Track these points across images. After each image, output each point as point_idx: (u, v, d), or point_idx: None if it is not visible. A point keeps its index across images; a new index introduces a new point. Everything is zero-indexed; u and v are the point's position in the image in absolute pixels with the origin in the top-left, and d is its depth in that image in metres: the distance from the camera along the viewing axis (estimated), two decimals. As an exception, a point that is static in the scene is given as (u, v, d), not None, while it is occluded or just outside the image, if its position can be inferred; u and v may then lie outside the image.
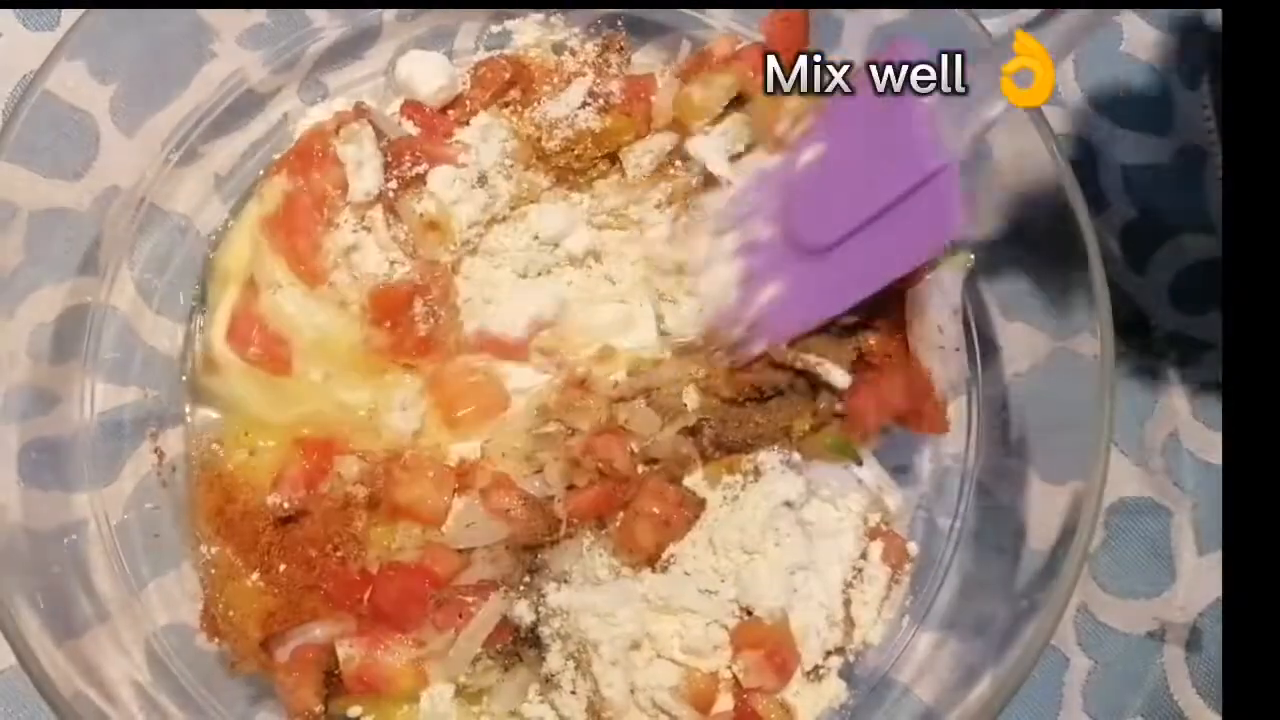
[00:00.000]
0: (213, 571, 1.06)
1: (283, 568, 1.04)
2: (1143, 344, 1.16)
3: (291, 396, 1.09)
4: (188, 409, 1.13)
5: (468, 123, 1.16)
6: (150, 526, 1.07)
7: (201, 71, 1.12)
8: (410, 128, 1.15)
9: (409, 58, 1.17)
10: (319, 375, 1.09)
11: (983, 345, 1.10)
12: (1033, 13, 1.10)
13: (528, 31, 1.21)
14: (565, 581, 1.01)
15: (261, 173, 1.16)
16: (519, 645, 1.01)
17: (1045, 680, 1.09)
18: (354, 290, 1.09)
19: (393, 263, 1.10)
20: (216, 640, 1.00)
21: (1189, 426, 1.13)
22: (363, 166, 1.09)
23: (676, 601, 1.01)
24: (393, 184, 1.11)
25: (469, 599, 0.99)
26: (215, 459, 1.09)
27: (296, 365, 1.09)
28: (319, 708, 0.99)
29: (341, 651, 0.99)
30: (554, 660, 0.99)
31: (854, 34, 1.12)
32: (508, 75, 1.17)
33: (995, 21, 1.20)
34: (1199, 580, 1.10)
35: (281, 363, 1.08)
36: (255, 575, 1.04)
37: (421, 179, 1.11)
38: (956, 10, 1.02)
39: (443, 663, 0.98)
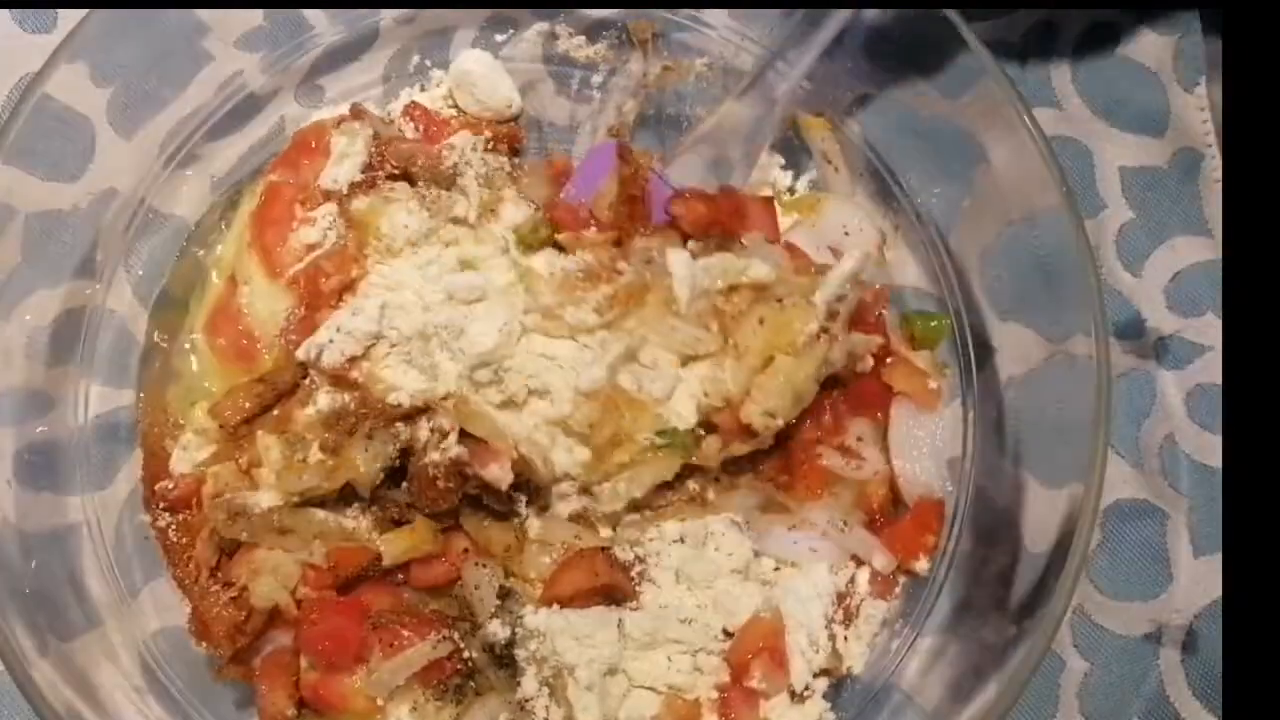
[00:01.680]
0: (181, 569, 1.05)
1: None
2: (1138, 346, 1.16)
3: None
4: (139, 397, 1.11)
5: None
6: (144, 530, 1.06)
7: (199, 75, 1.12)
8: (410, 130, 1.16)
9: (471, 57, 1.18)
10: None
11: (977, 348, 1.10)
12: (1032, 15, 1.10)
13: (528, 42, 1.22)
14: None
15: (258, 174, 1.16)
16: (485, 672, 1.00)
17: (1041, 683, 1.08)
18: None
19: None
20: (204, 646, 1.01)
21: (1185, 429, 1.13)
22: (347, 159, 1.10)
23: (661, 634, 1.00)
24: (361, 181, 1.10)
25: (405, 631, 0.98)
26: (151, 440, 1.09)
27: (258, 361, 1.08)
28: (291, 712, 0.99)
29: (304, 661, 0.99)
30: (528, 685, 0.99)
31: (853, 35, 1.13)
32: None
33: (988, 26, 1.21)
34: (1195, 582, 1.10)
35: (246, 357, 1.08)
36: (205, 577, 1.02)
37: (397, 177, 1.10)
38: (948, 12, 1.02)
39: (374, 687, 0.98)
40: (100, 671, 0.97)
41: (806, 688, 1.02)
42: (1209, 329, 1.15)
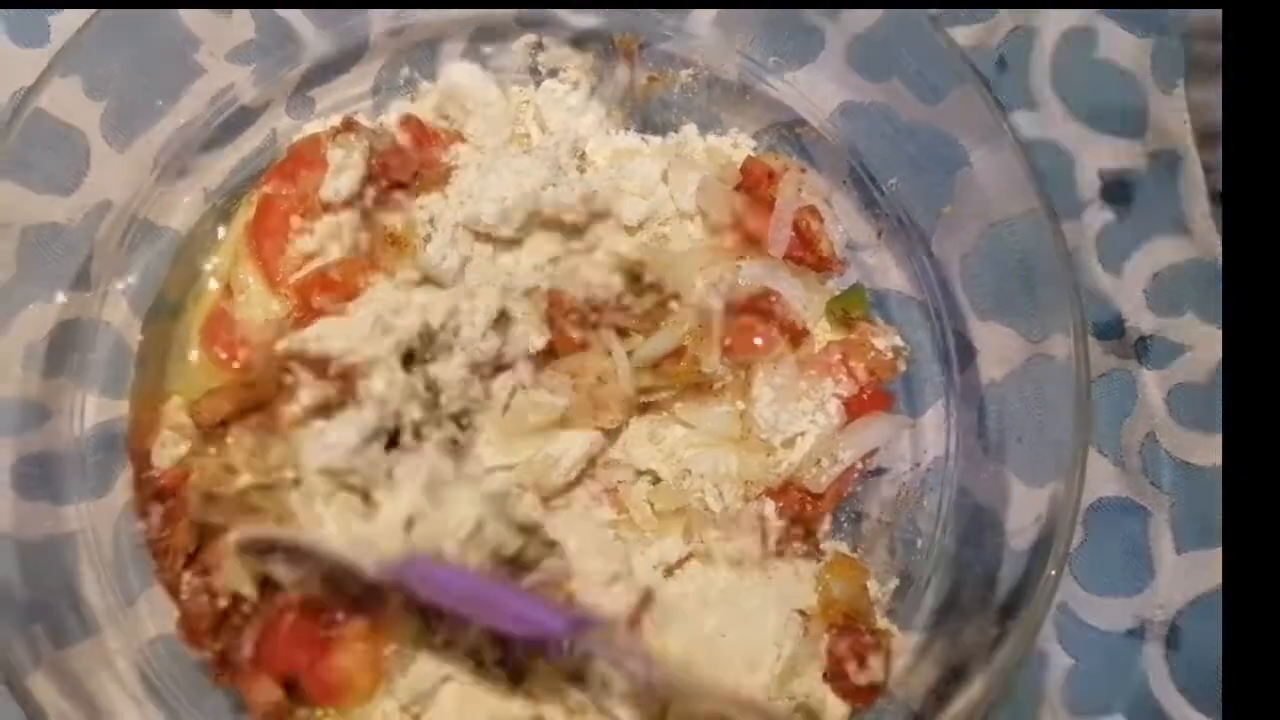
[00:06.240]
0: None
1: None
2: (1119, 346, 1.17)
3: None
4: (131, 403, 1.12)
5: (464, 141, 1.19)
6: (140, 537, 1.07)
7: (191, 88, 1.13)
8: (406, 142, 1.17)
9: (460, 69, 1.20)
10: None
11: (959, 348, 1.11)
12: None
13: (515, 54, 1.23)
14: None
15: (252, 185, 1.17)
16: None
17: (1026, 679, 1.10)
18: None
19: None
20: (198, 651, 1.02)
21: (1166, 426, 1.14)
22: (345, 171, 1.11)
23: None
24: (372, 192, 1.12)
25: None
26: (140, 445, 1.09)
27: (252, 368, 1.09)
28: (279, 697, 0.99)
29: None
30: None
31: (834, 42, 1.15)
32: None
33: (967, 31, 1.22)
34: (1178, 578, 1.11)
35: (240, 365, 1.10)
36: (181, 564, 1.03)
37: (402, 185, 1.12)
38: (923, 16, 1.03)
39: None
40: (97, 679, 0.98)
41: None
42: (1189, 329, 1.16)
